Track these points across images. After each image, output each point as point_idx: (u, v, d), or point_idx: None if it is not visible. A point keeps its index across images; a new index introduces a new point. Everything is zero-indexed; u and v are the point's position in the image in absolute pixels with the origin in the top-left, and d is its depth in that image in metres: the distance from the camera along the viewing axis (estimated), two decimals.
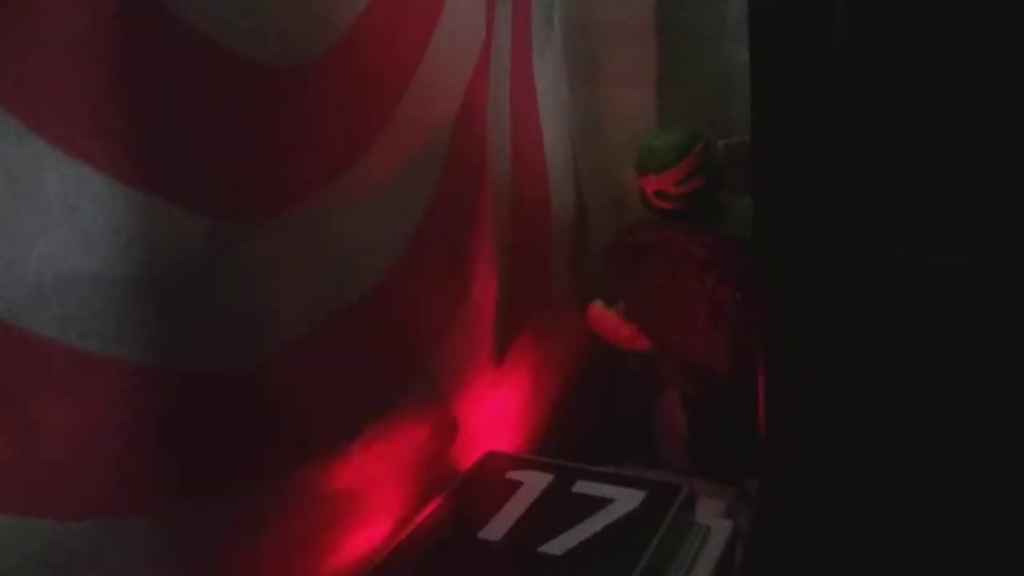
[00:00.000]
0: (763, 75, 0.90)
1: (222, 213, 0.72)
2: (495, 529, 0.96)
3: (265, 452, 0.82)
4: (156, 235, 0.67)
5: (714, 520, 1.02)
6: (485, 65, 1.14)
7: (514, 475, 1.06)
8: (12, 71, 0.57)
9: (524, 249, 1.26)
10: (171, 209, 0.67)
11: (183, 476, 0.73)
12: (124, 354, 0.66)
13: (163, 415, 0.70)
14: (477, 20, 1.10)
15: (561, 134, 1.38)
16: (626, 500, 0.98)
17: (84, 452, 0.65)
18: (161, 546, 0.72)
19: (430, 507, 1.03)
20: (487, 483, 1.06)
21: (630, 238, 1.35)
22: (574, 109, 1.43)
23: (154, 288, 0.67)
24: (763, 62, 0.90)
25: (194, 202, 0.69)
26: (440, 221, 1.03)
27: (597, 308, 1.41)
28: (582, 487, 1.02)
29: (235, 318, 0.76)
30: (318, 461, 0.88)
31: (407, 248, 0.97)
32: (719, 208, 1.30)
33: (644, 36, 1.47)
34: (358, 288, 0.91)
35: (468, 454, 1.13)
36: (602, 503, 0.98)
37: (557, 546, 0.92)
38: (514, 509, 0.99)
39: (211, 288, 0.72)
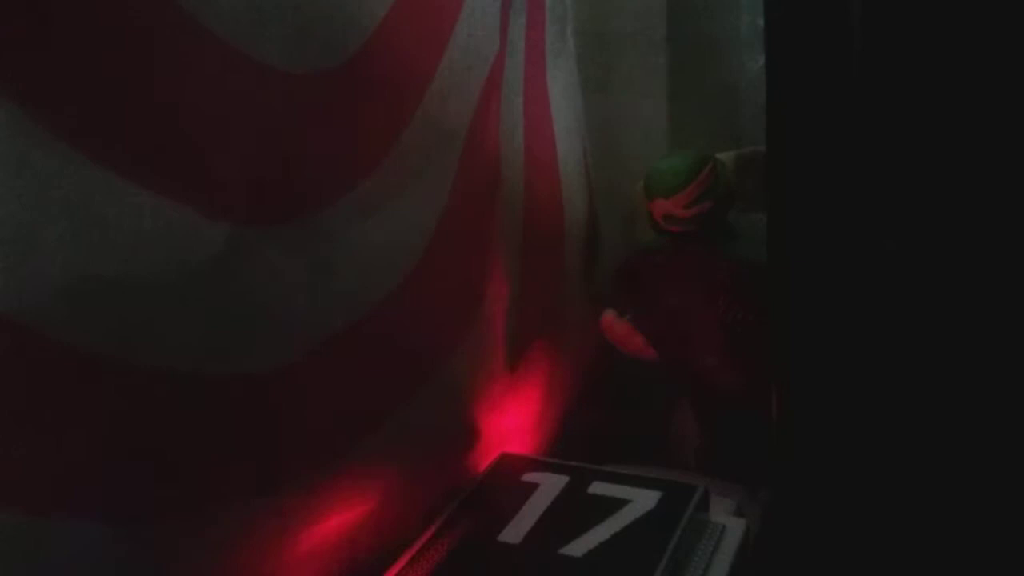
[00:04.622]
0: (778, 86, 0.91)
1: (242, 220, 0.74)
2: (515, 532, 0.98)
3: (286, 456, 0.83)
4: (177, 241, 0.68)
5: (728, 519, 1.02)
6: (499, 75, 1.15)
7: (530, 477, 1.07)
8: (38, 78, 0.58)
9: (537, 257, 1.27)
10: (192, 216, 0.69)
11: (202, 481, 0.74)
12: (141, 359, 0.67)
13: (180, 420, 0.71)
14: (491, 31, 1.12)
15: (574, 143, 1.40)
16: (643, 501, 0.99)
17: (98, 456, 0.65)
18: (178, 552, 0.73)
19: (448, 510, 1.04)
20: (504, 485, 1.07)
21: (642, 259, 1.36)
22: (587, 118, 1.44)
23: (174, 294, 0.68)
24: (779, 73, 0.91)
25: (215, 209, 0.71)
26: (454, 229, 1.04)
27: (609, 317, 1.41)
28: (598, 488, 1.03)
29: (255, 324, 0.77)
30: (336, 465, 0.89)
31: (422, 255, 0.99)
32: (729, 228, 1.30)
33: (656, 47, 1.48)
34: (375, 294, 0.92)
35: (483, 456, 1.14)
36: (619, 504, 0.99)
37: (578, 548, 0.93)
38: (532, 511, 1.01)
39: (231, 294, 0.74)
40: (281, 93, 0.77)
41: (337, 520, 0.91)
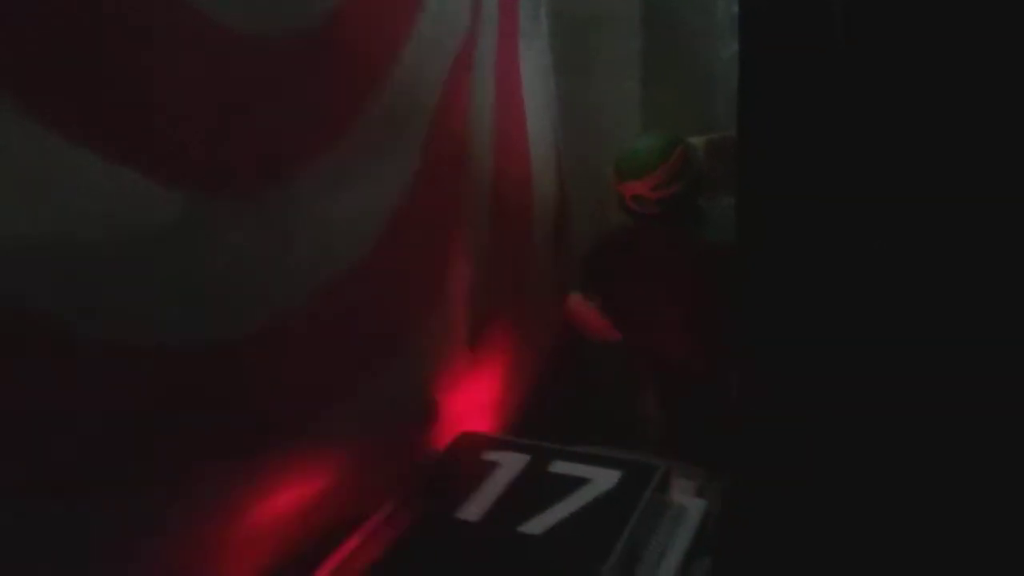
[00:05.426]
0: (751, 74, 0.90)
1: (199, 188, 0.72)
2: (474, 509, 0.97)
3: (240, 431, 0.81)
4: (129, 207, 0.66)
5: (688, 499, 1.02)
6: (470, 52, 1.14)
7: (490, 456, 1.06)
8: None
9: (504, 237, 1.26)
10: (146, 182, 0.67)
11: (151, 456, 0.72)
12: (90, 327, 0.65)
13: (131, 392, 0.69)
14: (463, 6, 1.11)
15: (545, 124, 1.39)
16: (603, 480, 0.99)
17: (41, 425, 0.63)
18: (128, 527, 0.72)
19: (407, 486, 1.03)
20: (464, 463, 1.07)
21: (610, 242, 1.36)
22: (558, 100, 1.44)
23: (125, 261, 0.66)
24: (751, 61, 0.90)
25: (170, 176, 0.69)
26: (419, 204, 1.02)
27: (575, 299, 1.41)
28: (559, 467, 1.03)
29: (212, 294, 0.75)
30: (295, 440, 0.88)
31: (385, 229, 0.97)
32: (698, 212, 1.30)
33: (630, 30, 1.48)
34: (337, 267, 0.91)
35: (444, 434, 1.13)
36: (579, 483, 0.99)
37: (537, 525, 0.93)
38: (492, 489, 1.00)
39: (186, 263, 0.72)
40: (245, 58, 0.75)
41: (295, 493, 0.90)
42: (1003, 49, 0.78)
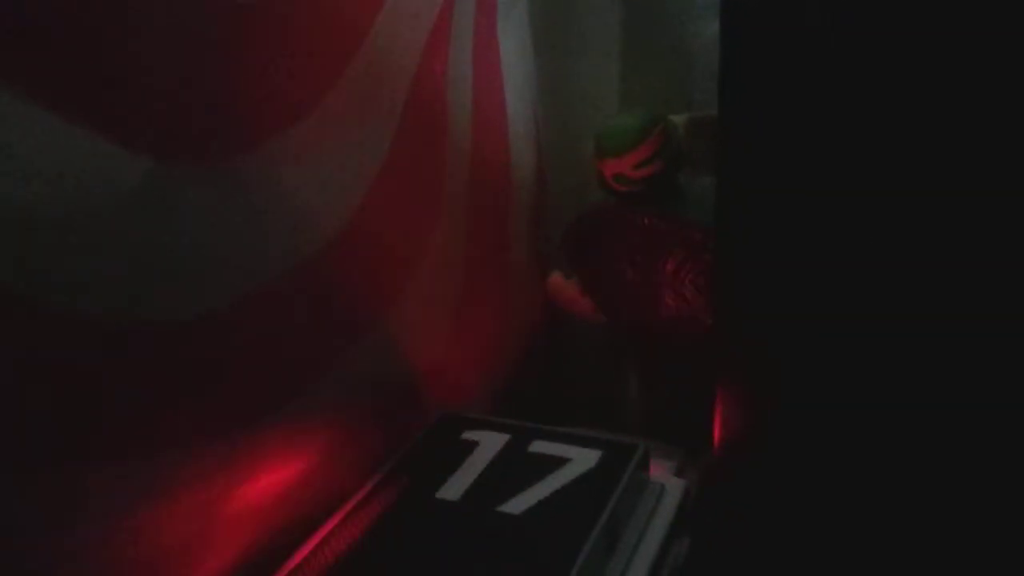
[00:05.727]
0: (733, 51, 0.89)
1: (165, 156, 0.68)
2: (453, 489, 0.96)
3: (208, 411, 0.79)
4: (90, 173, 0.62)
5: (668, 478, 1.02)
6: (447, 23, 1.12)
7: (470, 435, 1.05)
8: None
9: (484, 214, 1.25)
10: (108, 146, 0.63)
11: (115, 435, 0.69)
12: (50, 300, 0.62)
13: (94, 368, 0.66)
14: None
15: (524, 101, 1.37)
16: (583, 459, 0.98)
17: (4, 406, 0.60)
18: (91, 508, 0.69)
19: (385, 467, 1.01)
20: (443, 443, 1.05)
21: (591, 219, 1.35)
22: (538, 76, 1.42)
23: (87, 231, 0.63)
24: (733, 39, 0.89)
25: (135, 141, 0.65)
26: (395, 179, 1.01)
27: (557, 279, 1.40)
28: (539, 447, 1.02)
29: (180, 267, 0.72)
30: (266, 420, 0.86)
31: (361, 205, 0.95)
32: (679, 191, 1.30)
33: (611, 7, 1.46)
34: (309, 244, 0.88)
35: (423, 414, 1.12)
36: (559, 462, 0.98)
37: (516, 505, 0.92)
38: (471, 469, 0.99)
39: (150, 234, 0.69)
40: (214, 16, 0.72)
41: (270, 478, 0.88)
42: (1000, 39, 0.77)
